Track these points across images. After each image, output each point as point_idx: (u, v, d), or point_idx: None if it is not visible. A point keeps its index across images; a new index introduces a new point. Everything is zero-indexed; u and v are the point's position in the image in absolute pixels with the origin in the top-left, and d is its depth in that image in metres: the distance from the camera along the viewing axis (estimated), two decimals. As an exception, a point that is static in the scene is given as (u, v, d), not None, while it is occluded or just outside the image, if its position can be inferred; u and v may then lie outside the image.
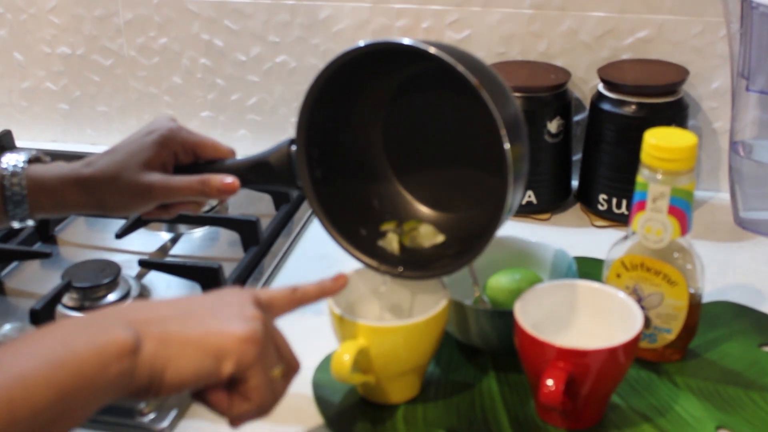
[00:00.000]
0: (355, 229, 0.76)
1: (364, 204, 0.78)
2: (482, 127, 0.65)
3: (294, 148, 0.75)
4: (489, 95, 0.63)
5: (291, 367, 0.63)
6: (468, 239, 0.72)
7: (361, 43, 0.67)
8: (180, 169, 0.79)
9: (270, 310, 0.63)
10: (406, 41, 0.65)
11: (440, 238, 0.76)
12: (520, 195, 0.70)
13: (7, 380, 0.48)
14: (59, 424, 0.50)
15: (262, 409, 0.60)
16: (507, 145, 0.64)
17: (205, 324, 0.57)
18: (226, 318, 0.58)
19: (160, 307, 0.58)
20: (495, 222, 0.67)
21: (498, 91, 0.67)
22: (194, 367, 0.55)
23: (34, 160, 0.78)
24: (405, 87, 0.76)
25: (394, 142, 0.79)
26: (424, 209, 0.79)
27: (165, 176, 0.77)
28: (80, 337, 0.52)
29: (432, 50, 0.64)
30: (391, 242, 0.76)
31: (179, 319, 0.57)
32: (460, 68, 0.64)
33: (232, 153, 0.81)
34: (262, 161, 0.77)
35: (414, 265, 0.74)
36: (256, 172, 0.78)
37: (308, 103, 0.71)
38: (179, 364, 0.55)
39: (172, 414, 0.75)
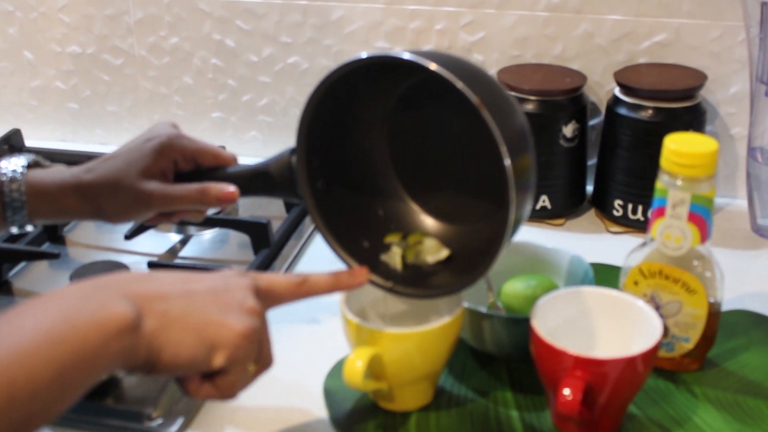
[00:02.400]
0: (358, 242, 0.74)
1: (369, 215, 0.76)
2: (487, 139, 0.63)
3: (295, 158, 0.73)
4: (490, 113, 0.62)
5: (264, 363, 0.62)
6: (472, 256, 0.71)
7: (363, 55, 0.66)
8: (181, 176, 0.78)
9: (268, 298, 0.62)
10: (406, 56, 0.64)
11: (444, 253, 0.74)
12: (529, 206, 0.68)
13: (8, 357, 0.47)
14: (57, 402, 0.49)
15: (225, 399, 0.59)
16: (508, 161, 0.62)
17: (206, 311, 0.56)
18: (227, 307, 0.57)
19: (163, 283, 0.57)
20: (499, 239, 0.66)
21: (500, 104, 0.65)
22: (190, 354, 0.55)
23: (33, 164, 0.77)
24: (409, 95, 0.74)
25: (400, 151, 0.77)
26: (429, 222, 0.77)
27: (164, 185, 0.75)
28: (81, 311, 0.51)
29: (433, 66, 0.63)
30: (395, 257, 0.74)
31: (181, 299, 0.56)
32: (460, 85, 0.62)
33: (234, 160, 0.80)
34: (262, 171, 0.75)
35: (416, 283, 0.72)
36: (256, 182, 0.76)
37: (308, 112, 0.69)
38: (177, 348, 0.55)
39: (180, 421, 0.74)
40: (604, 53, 1.08)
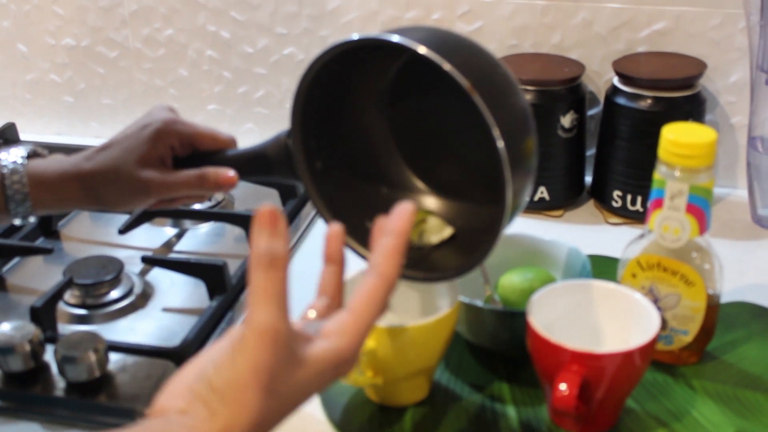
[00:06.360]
0: (360, 224, 0.73)
1: (371, 194, 0.75)
2: (482, 119, 0.62)
3: (290, 139, 0.72)
4: (483, 94, 0.60)
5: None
6: (475, 235, 0.70)
7: (354, 37, 0.65)
8: (179, 161, 0.77)
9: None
10: (395, 39, 0.63)
11: (448, 232, 0.73)
12: (529, 191, 0.67)
13: None
14: None
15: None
16: (501, 144, 0.61)
17: None
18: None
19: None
20: (499, 220, 0.65)
21: (497, 84, 0.64)
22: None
23: (32, 154, 0.77)
24: (407, 73, 0.73)
25: (401, 128, 0.76)
26: (432, 201, 0.76)
27: (162, 173, 0.75)
28: None
29: (422, 50, 0.61)
30: None
31: None
32: (448, 68, 0.61)
33: (233, 142, 0.78)
34: (259, 153, 0.74)
35: (419, 265, 0.71)
36: (254, 165, 0.75)
37: (301, 94, 0.68)
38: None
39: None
40: (602, 42, 1.06)
